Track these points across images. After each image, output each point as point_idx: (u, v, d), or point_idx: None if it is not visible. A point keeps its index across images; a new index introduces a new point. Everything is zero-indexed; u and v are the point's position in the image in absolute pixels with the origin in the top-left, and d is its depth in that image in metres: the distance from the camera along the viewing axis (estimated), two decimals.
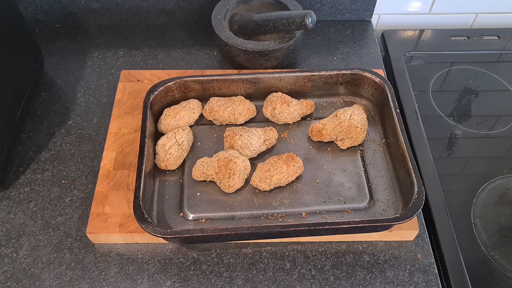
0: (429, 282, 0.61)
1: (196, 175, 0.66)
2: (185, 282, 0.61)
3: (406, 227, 0.63)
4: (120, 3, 0.89)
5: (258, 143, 0.68)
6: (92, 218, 0.63)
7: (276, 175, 0.64)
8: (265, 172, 0.65)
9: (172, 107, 0.72)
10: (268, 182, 0.65)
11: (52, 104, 0.80)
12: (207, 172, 0.66)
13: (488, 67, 0.90)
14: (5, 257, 0.63)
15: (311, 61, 0.88)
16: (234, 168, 0.64)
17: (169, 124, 0.71)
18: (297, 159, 0.66)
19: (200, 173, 0.66)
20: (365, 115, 0.71)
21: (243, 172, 0.65)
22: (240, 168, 0.65)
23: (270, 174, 0.64)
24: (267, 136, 0.70)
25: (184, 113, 0.72)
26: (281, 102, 0.72)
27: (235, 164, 0.64)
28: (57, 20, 0.92)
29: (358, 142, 0.70)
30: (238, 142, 0.67)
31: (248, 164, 0.67)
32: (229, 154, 0.66)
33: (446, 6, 0.95)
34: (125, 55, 0.88)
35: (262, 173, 0.65)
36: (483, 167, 0.75)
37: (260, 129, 0.70)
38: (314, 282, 0.61)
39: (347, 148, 0.71)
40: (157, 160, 0.68)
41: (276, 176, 0.64)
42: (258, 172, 0.65)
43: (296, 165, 0.66)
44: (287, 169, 0.65)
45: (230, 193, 0.66)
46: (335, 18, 0.95)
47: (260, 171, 0.65)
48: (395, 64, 0.89)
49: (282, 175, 0.65)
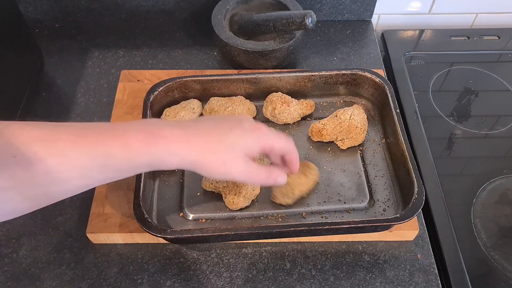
0: (429, 282, 0.61)
1: (206, 185, 0.66)
2: (185, 282, 0.61)
3: (406, 227, 0.63)
4: (120, 3, 0.89)
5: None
6: (92, 218, 0.63)
7: (298, 186, 0.63)
8: (286, 187, 0.62)
9: (172, 107, 0.72)
10: (291, 196, 0.63)
11: (52, 104, 0.80)
12: (216, 183, 0.65)
13: (488, 67, 0.90)
14: (5, 257, 0.63)
15: (311, 61, 0.88)
16: (242, 186, 0.63)
17: None
18: (312, 166, 0.65)
19: (209, 184, 0.65)
20: (365, 115, 0.71)
21: (250, 192, 0.64)
22: (248, 187, 0.63)
23: (291, 188, 0.62)
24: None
25: (184, 113, 0.72)
26: (281, 102, 0.72)
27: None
28: (57, 20, 0.92)
29: (358, 142, 0.70)
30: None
31: (258, 186, 0.65)
32: None
33: (446, 6, 0.95)
34: (125, 55, 0.88)
35: (283, 188, 0.62)
36: (483, 167, 0.75)
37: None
38: (314, 282, 0.61)
39: (347, 148, 0.71)
40: None
41: (298, 188, 0.63)
42: (278, 188, 0.63)
43: (314, 172, 0.64)
44: (306, 179, 0.63)
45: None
46: (335, 18, 0.95)
47: (282, 190, 0.63)
48: (395, 64, 0.89)
49: (303, 187, 0.63)
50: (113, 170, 0.44)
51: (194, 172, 0.65)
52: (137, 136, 0.44)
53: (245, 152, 0.48)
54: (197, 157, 0.46)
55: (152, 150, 0.44)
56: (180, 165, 0.46)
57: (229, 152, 0.47)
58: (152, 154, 0.44)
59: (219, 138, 0.47)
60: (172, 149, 0.45)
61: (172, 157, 0.45)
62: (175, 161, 0.45)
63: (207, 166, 0.47)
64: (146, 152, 0.44)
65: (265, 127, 0.51)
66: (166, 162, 0.45)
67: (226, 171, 0.48)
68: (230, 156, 0.47)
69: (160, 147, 0.44)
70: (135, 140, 0.43)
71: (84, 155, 0.42)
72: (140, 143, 0.43)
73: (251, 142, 0.49)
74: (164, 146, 0.44)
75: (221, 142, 0.47)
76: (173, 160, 0.45)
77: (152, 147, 0.44)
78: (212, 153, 0.46)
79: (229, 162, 0.47)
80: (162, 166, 0.46)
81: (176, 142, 0.45)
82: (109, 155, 0.43)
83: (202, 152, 0.46)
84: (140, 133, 0.44)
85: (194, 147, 0.46)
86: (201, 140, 0.46)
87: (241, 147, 0.48)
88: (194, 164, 0.46)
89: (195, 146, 0.46)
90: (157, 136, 0.44)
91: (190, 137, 0.46)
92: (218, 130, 0.48)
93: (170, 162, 0.45)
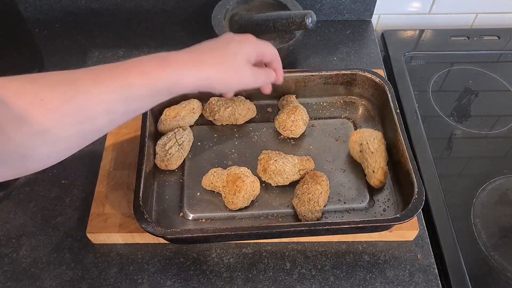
0: (429, 282, 0.61)
1: (205, 184, 0.66)
2: (185, 282, 0.61)
3: (406, 227, 0.63)
4: (120, 3, 0.89)
5: (292, 171, 0.65)
6: (92, 218, 0.63)
7: (320, 198, 0.62)
8: (309, 203, 0.62)
9: (172, 107, 0.72)
10: (318, 209, 0.62)
11: None
12: (216, 183, 0.65)
13: (488, 67, 0.90)
14: (5, 257, 0.63)
15: (311, 61, 0.88)
16: (241, 186, 0.63)
17: (169, 124, 0.71)
18: (319, 173, 0.65)
19: (209, 182, 0.65)
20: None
21: (249, 193, 0.64)
22: (247, 187, 0.63)
23: (315, 201, 0.62)
24: (303, 166, 0.66)
25: (184, 113, 0.72)
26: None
27: (242, 182, 0.63)
28: (57, 20, 0.92)
29: None
30: (271, 167, 0.64)
31: (257, 186, 0.65)
32: (240, 171, 0.65)
33: (446, 6, 0.95)
34: (125, 55, 0.88)
35: (309, 206, 0.62)
36: (483, 167, 0.75)
37: (296, 157, 0.67)
38: (314, 282, 0.61)
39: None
40: (157, 160, 0.68)
41: (321, 199, 0.62)
42: (303, 208, 0.62)
43: (324, 178, 0.64)
44: (322, 187, 0.63)
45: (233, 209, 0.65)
46: (335, 18, 0.95)
47: (304, 205, 0.62)
48: (395, 64, 0.89)
49: (323, 195, 0.63)
50: (136, 99, 0.47)
51: (194, 172, 0.65)
52: (151, 63, 0.47)
53: (247, 58, 0.55)
54: (211, 71, 0.51)
55: (169, 73, 0.48)
56: (196, 83, 0.50)
57: (235, 61, 0.53)
58: (170, 76, 0.48)
59: (221, 52, 0.52)
60: (187, 69, 0.49)
61: (189, 77, 0.49)
62: (192, 80, 0.49)
63: (222, 77, 0.52)
64: (163, 76, 0.47)
65: (253, 37, 0.58)
66: (184, 82, 0.49)
67: (239, 77, 0.54)
68: (238, 64, 0.53)
69: (175, 69, 0.48)
70: (150, 67, 0.47)
71: (106, 89, 0.44)
72: (156, 69, 0.47)
73: (249, 49, 0.55)
74: (178, 67, 0.48)
75: (225, 54, 0.52)
76: (190, 79, 0.49)
77: (168, 70, 0.47)
78: (222, 64, 0.52)
79: (239, 69, 0.54)
80: (180, 87, 0.49)
81: (188, 62, 0.49)
82: (130, 85, 0.45)
83: (214, 66, 0.51)
84: (153, 60, 0.47)
85: (206, 63, 0.50)
86: (209, 56, 0.51)
87: (243, 54, 0.54)
88: (211, 79, 0.51)
89: (206, 62, 0.50)
90: (170, 60, 0.48)
91: (198, 56, 0.51)
92: (218, 46, 0.53)
93: (187, 82, 0.49)
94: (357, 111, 0.76)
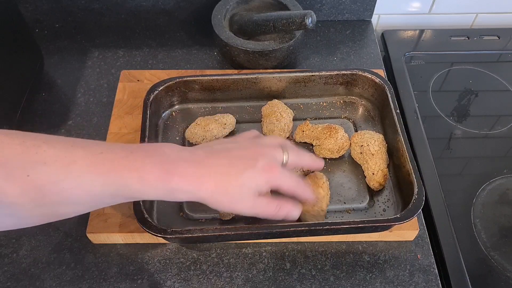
0: (429, 282, 0.61)
1: None
2: (185, 282, 0.61)
3: (406, 227, 0.63)
4: (120, 3, 0.89)
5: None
6: (92, 218, 0.63)
7: (323, 202, 0.62)
8: (313, 208, 0.61)
9: (206, 117, 0.71)
10: (322, 214, 0.62)
11: (52, 104, 0.80)
12: None
13: (488, 67, 0.90)
14: (5, 257, 0.63)
15: (311, 61, 0.88)
16: None
17: (196, 134, 0.70)
18: (319, 174, 0.64)
19: None
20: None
21: None
22: None
23: (319, 206, 0.61)
24: None
25: (214, 126, 0.70)
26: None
27: None
28: (57, 20, 0.92)
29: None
30: None
31: None
32: None
33: (446, 6, 0.95)
34: (125, 55, 0.88)
35: (313, 211, 0.61)
36: (483, 167, 0.75)
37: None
38: (314, 282, 0.61)
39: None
40: None
41: (324, 203, 0.62)
42: (308, 215, 0.61)
43: (324, 180, 0.64)
44: (323, 190, 0.63)
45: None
46: (335, 18, 0.95)
47: (308, 212, 0.61)
48: (395, 64, 0.89)
49: (326, 198, 0.62)
50: (125, 198, 0.46)
51: None
52: (153, 171, 0.45)
53: (254, 192, 0.50)
54: (206, 196, 0.49)
55: (166, 186, 0.46)
56: (189, 199, 0.49)
57: (237, 192, 0.49)
58: (165, 189, 0.46)
59: (229, 179, 0.49)
60: (185, 188, 0.47)
61: (184, 194, 0.48)
62: (186, 197, 0.48)
63: (215, 203, 0.50)
64: (160, 187, 0.46)
65: (278, 168, 0.51)
66: (177, 197, 0.48)
67: (233, 208, 0.51)
68: (238, 196, 0.50)
69: (174, 184, 0.46)
70: (150, 175, 0.45)
71: (98, 182, 0.43)
72: (155, 179, 0.45)
73: (261, 183, 0.51)
74: (177, 184, 0.46)
75: (231, 184, 0.49)
76: (184, 196, 0.48)
77: (166, 183, 0.46)
78: (221, 193, 0.49)
79: (236, 202, 0.50)
80: (172, 199, 0.48)
81: (189, 181, 0.47)
82: (123, 186, 0.44)
83: (212, 192, 0.48)
84: (156, 168, 0.46)
85: (205, 187, 0.48)
86: (213, 181, 0.48)
87: (250, 188, 0.50)
88: (203, 200, 0.49)
89: (206, 187, 0.48)
90: (172, 174, 0.46)
91: (202, 178, 0.48)
92: (230, 170, 0.49)
93: (180, 198, 0.48)
94: (357, 111, 0.76)
